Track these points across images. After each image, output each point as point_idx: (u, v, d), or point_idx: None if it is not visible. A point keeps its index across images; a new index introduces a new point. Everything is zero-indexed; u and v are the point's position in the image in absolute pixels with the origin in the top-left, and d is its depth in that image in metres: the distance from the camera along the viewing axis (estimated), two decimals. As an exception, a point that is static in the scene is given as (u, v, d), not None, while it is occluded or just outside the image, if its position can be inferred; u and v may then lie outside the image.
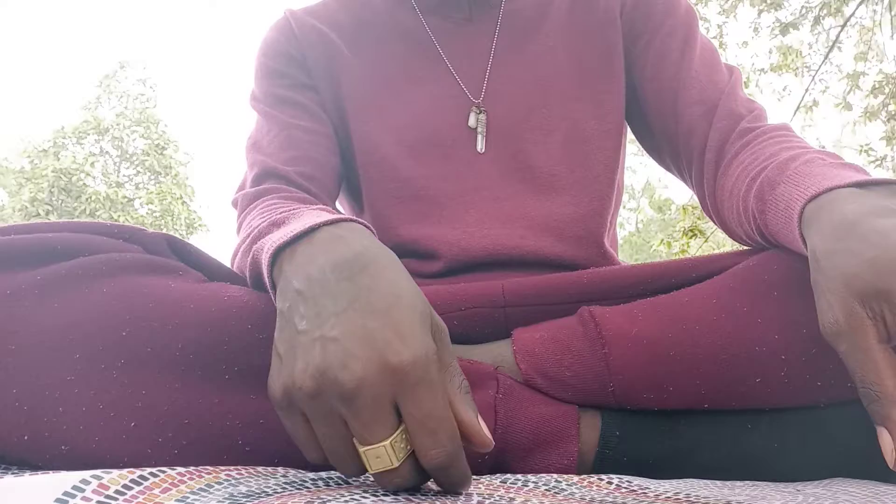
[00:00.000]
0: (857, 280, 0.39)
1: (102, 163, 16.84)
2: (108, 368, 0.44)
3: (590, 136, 0.73)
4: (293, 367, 0.37)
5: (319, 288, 0.39)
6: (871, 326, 0.39)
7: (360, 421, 0.35)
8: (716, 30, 5.27)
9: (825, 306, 0.41)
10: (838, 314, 0.40)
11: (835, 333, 0.41)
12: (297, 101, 0.75)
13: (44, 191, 14.74)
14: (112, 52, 36.46)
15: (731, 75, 0.71)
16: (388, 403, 0.36)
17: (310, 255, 0.42)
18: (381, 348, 0.36)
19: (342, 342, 0.36)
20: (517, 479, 0.45)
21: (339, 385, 0.35)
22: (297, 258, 0.43)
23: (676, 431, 0.51)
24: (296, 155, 0.71)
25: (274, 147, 0.72)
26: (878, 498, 0.41)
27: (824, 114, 10.27)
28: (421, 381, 0.36)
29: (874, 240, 0.40)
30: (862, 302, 0.39)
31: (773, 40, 5.29)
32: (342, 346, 0.36)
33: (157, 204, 16.16)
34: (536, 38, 0.76)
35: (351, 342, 0.36)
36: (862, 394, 0.40)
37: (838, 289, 0.40)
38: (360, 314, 0.37)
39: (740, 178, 0.60)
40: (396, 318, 0.37)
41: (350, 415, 0.36)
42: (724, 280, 0.53)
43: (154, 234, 0.53)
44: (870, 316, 0.39)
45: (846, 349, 0.40)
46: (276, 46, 0.76)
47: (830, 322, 0.41)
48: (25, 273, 0.46)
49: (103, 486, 0.33)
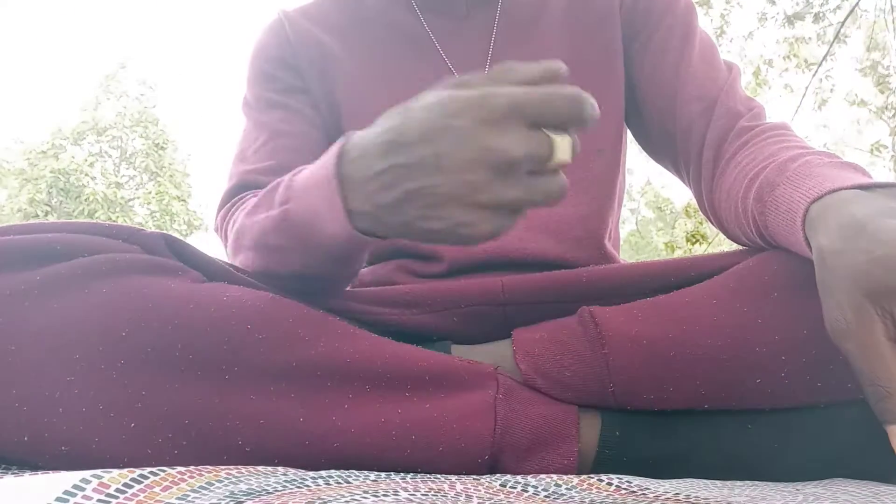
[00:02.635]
0: (867, 278, 0.39)
1: (101, 163, 16.84)
2: (108, 369, 0.44)
3: (590, 134, 0.73)
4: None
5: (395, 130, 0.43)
6: (879, 323, 0.39)
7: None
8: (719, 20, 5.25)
9: (832, 304, 0.41)
10: (847, 312, 0.40)
11: (842, 331, 0.41)
12: (288, 105, 0.74)
13: (42, 191, 14.73)
14: (112, 52, 36.47)
15: (731, 72, 0.71)
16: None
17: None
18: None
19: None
20: (517, 482, 0.45)
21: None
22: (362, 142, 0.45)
23: (676, 432, 0.51)
24: (280, 165, 0.70)
25: (259, 156, 0.71)
26: (878, 498, 0.41)
27: (829, 113, 10.28)
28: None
29: (884, 238, 0.39)
30: (871, 300, 0.39)
31: (780, 31, 5.27)
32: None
33: (155, 204, 16.15)
34: (535, 34, 0.75)
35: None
36: (870, 392, 0.40)
37: (847, 287, 0.40)
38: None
39: (738, 178, 0.60)
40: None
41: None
42: (724, 280, 0.53)
43: (152, 234, 0.52)
44: (879, 314, 0.39)
45: (854, 347, 0.40)
46: (268, 50, 0.75)
47: (838, 320, 0.41)
48: (25, 273, 0.46)
49: (103, 484, 0.33)
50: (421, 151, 0.41)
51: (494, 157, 0.40)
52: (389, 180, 0.43)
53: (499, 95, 0.40)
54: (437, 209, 0.42)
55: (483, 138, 0.39)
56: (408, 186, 0.42)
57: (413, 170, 0.42)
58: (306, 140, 0.73)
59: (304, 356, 0.47)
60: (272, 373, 0.47)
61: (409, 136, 0.42)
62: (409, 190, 0.42)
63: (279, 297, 0.52)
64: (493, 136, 0.39)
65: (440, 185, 0.41)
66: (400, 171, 0.42)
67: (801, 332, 0.48)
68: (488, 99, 0.40)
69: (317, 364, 0.48)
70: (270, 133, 0.73)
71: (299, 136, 0.73)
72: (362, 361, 0.48)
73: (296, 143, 0.72)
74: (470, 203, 0.41)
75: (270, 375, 0.47)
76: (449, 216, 0.42)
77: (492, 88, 0.41)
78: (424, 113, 0.42)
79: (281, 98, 0.74)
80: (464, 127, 0.40)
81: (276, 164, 0.70)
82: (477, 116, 0.40)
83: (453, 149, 0.40)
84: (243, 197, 0.67)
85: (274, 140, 0.72)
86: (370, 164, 0.44)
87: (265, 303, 0.49)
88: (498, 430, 0.49)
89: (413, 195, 0.42)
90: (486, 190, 0.40)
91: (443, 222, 0.42)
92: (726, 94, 0.68)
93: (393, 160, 0.42)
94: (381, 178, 0.43)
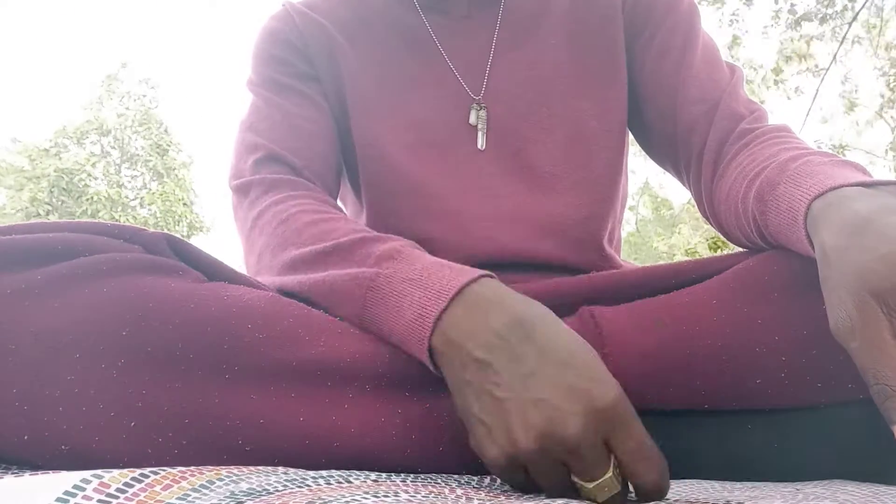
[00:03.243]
0: (873, 275, 0.39)
1: (104, 163, 16.84)
2: (108, 368, 0.44)
3: (592, 135, 0.73)
4: (511, 432, 0.41)
5: (504, 353, 0.43)
6: (885, 321, 0.38)
7: (585, 464, 0.40)
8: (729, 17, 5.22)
9: (836, 302, 0.41)
10: (851, 309, 0.39)
11: (847, 329, 0.40)
12: (299, 90, 0.72)
13: (44, 191, 14.74)
14: (113, 53, 36.49)
15: (733, 74, 0.71)
16: (603, 443, 0.40)
17: (473, 320, 0.45)
18: (586, 397, 0.40)
19: (551, 401, 0.40)
20: None
21: (564, 441, 0.39)
22: (462, 324, 0.45)
23: (676, 432, 0.51)
24: (298, 146, 0.69)
25: (276, 135, 0.69)
26: (878, 498, 0.41)
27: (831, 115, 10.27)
28: (626, 416, 0.41)
29: (890, 235, 0.39)
30: (876, 297, 0.38)
31: (787, 33, 5.27)
32: (553, 405, 0.40)
33: (159, 205, 16.16)
34: (537, 34, 0.75)
35: (559, 399, 0.40)
36: (876, 391, 0.39)
37: (851, 284, 0.40)
38: (554, 370, 0.42)
39: (738, 179, 0.60)
40: (583, 365, 0.42)
41: (573, 461, 0.40)
42: (724, 280, 0.53)
43: (154, 234, 0.52)
44: (884, 311, 0.38)
45: (859, 345, 0.39)
46: (277, 34, 0.74)
47: (843, 317, 0.40)
48: (26, 273, 0.46)
49: (104, 484, 0.33)
50: (524, 383, 0.42)
51: (566, 449, 0.40)
52: (480, 379, 0.43)
53: (626, 419, 0.41)
54: (492, 427, 0.42)
55: (577, 433, 0.39)
56: (488, 394, 0.43)
57: (502, 386, 0.42)
58: (320, 126, 0.72)
59: (304, 356, 0.48)
60: (272, 372, 0.47)
61: (525, 357, 0.42)
62: (485, 395, 0.43)
63: (279, 296, 0.52)
64: (585, 436, 0.39)
65: (511, 423, 0.41)
66: (494, 378, 0.43)
67: (801, 333, 0.48)
68: (612, 414, 0.40)
69: (317, 364, 0.48)
70: (285, 114, 0.71)
71: (314, 120, 0.72)
72: (362, 361, 0.48)
73: (312, 127, 0.71)
74: (515, 456, 0.41)
75: (271, 375, 0.47)
76: (492, 449, 0.42)
77: (625, 402, 0.41)
78: (557, 349, 0.43)
79: (293, 82, 0.73)
80: (573, 412, 0.40)
81: (298, 146, 0.69)
82: (591, 410, 0.40)
83: (546, 416, 0.40)
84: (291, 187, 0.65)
85: (289, 120, 0.70)
86: (485, 325, 0.44)
87: (266, 302, 0.49)
88: (498, 430, 0.49)
89: (485, 400, 0.43)
90: (535, 461, 0.41)
91: (486, 440, 0.42)
92: (728, 95, 0.68)
93: (496, 368, 0.43)
94: (483, 339, 0.44)
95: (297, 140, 0.69)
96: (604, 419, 0.40)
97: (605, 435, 0.40)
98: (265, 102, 0.72)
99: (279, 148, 0.68)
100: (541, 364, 0.42)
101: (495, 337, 0.44)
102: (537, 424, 0.40)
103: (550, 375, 0.41)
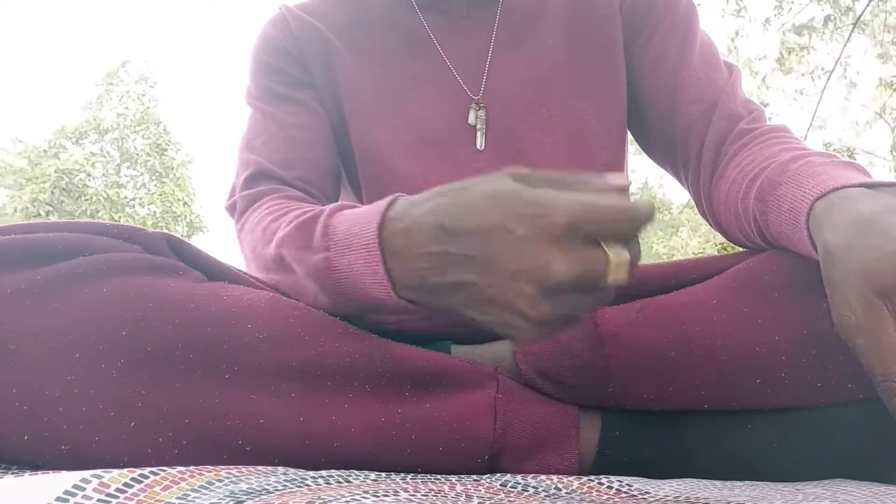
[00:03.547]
0: (877, 274, 0.39)
1: (103, 163, 16.84)
2: (108, 368, 0.44)
3: (591, 135, 0.73)
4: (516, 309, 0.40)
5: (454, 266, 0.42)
6: (889, 318, 0.39)
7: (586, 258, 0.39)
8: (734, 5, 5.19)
9: (840, 300, 0.41)
10: (856, 308, 0.40)
11: (851, 327, 0.40)
12: (295, 99, 0.73)
13: (45, 191, 14.73)
14: (112, 52, 36.51)
15: (731, 74, 0.71)
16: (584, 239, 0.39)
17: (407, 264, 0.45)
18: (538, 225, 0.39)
19: (522, 259, 0.39)
20: (517, 482, 0.45)
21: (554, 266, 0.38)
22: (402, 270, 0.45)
23: (676, 432, 0.51)
24: (291, 158, 0.69)
25: (269, 148, 0.70)
26: (878, 498, 0.41)
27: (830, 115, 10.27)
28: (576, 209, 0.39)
29: (893, 235, 0.39)
30: (881, 295, 0.39)
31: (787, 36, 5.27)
32: (525, 262, 0.39)
33: (158, 205, 16.15)
34: (535, 34, 0.75)
35: (522, 250, 0.39)
36: (883, 388, 0.39)
37: (856, 282, 0.40)
38: (499, 237, 0.40)
39: (738, 179, 0.60)
40: (510, 207, 0.40)
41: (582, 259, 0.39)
42: (723, 280, 0.53)
43: (154, 234, 0.52)
44: (889, 309, 0.39)
45: (864, 343, 0.40)
46: (273, 43, 0.74)
47: (847, 316, 0.40)
48: (25, 273, 0.46)
49: (104, 484, 0.33)
50: (474, 248, 0.41)
51: (547, 276, 0.38)
52: (437, 265, 0.43)
53: (561, 207, 0.38)
54: (482, 305, 0.42)
55: (540, 254, 0.38)
56: (455, 277, 0.42)
57: (462, 263, 0.41)
58: (315, 133, 0.72)
59: (304, 356, 0.48)
60: (272, 372, 0.47)
61: (463, 226, 0.41)
62: (455, 281, 0.42)
63: (280, 296, 0.52)
64: (550, 253, 0.38)
65: (488, 286, 0.40)
66: (449, 258, 0.42)
67: (801, 333, 0.48)
68: (550, 210, 0.38)
69: (317, 364, 0.48)
70: (279, 125, 0.71)
71: (308, 128, 0.72)
72: (362, 361, 0.48)
73: (306, 135, 0.72)
74: (516, 311, 0.40)
75: (270, 375, 0.47)
76: (493, 316, 0.42)
77: (555, 196, 0.39)
78: (483, 204, 0.41)
79: (287, 91, 0.73)
80: (523, 237, 0.39)
81: (290, 157, 0.69)
82: (537, 226, 0.38)
83: (508, 256, 0.39)
84: (269, 195, 0.66)
85: (284, 131, 0.71)
86: (418, 242, 0.44)
87: (266, 302, 0.49)
88: (498, 429, 0.49)
89: (459, 287, 0.42)
90: (533, 304, 0.39)
91: (486, 317, 0.42)
92: (727, 95, 0.68)
93: (443, 247, 0.42)
94: (428, 260, 0.43)
95: (291, 151, 0.70)
96: (561, 224, 0.38)
97: (579, 236, 0.38)
98: (262, 115, 0.73)
99: (268, 163, 0.69)
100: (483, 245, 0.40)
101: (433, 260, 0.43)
102: (533, 280, 0.38)
103: (498, 243, 0.40)
